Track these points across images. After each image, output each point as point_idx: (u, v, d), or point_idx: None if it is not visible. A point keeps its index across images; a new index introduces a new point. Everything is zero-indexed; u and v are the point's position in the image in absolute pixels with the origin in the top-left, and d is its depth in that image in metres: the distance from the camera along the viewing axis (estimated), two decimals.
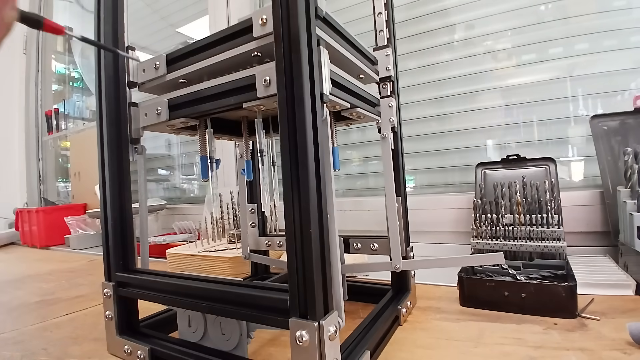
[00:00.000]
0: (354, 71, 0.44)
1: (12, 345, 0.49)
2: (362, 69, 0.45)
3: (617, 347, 0.38)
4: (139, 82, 0.44)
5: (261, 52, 0.35)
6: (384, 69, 0.49)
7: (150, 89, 0.45)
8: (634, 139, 0.68)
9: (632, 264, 0.57)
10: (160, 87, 0.44)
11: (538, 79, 0.85)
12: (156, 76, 0.42)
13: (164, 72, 0.41)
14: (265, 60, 0.36)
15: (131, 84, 0.44)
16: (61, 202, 1.92)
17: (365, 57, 0.46)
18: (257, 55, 0.35)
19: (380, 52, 0.49)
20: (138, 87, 0.44)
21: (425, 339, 0.43)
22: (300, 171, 0.28)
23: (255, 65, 0.37)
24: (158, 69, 0.42)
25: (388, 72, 0.49)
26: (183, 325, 0.41)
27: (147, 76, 0.43)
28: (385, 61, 0.49)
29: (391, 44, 0.50)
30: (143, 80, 0.43)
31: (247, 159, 0.51)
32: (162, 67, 0.41)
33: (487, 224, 0.65)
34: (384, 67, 0.50)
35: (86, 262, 1.08)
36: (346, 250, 0.53)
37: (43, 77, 2.03)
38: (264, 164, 0.44)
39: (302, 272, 0.28)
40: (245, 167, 0.51)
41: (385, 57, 0.49)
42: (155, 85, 0.43)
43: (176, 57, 0.41)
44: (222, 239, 0.92)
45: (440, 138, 0.96)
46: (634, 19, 0.77)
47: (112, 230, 0.42)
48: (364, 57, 0.45)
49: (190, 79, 0.41)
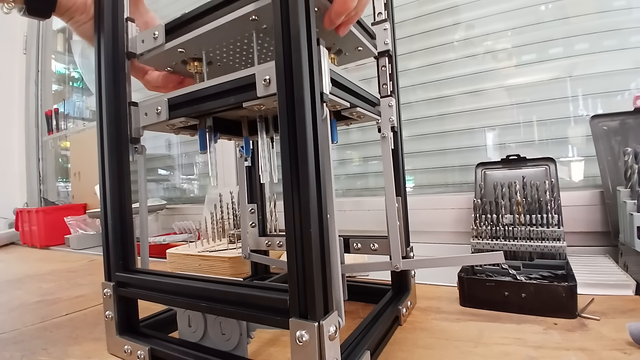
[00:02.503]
0: (352, 43, 0.44)
1: (12, 345, 0.49)
2: (360, 41, 0.44)
3: (617, 347, 0.38)
4: (138, 53, 0.44)
5: (259, 15, 0.35)
6: (382, 43, 0.49)
7: (149, 60, 0.45)
8: (634, 139, 0.68)
9: (632, 264, 0.57)
10: (159, 59, 0.44)
11: (538, 79, 0.85)
12: (155, 46, 0.42)
13: (162, 41, 0.41)
14: (263, 27, 0.36)
15: (130, 55, 0.44)
16: (61, 202, 1.92)
17: (364, 29, 0.46)
18: (255, 20, 0.35)
19: (379, 26, 0.49)
20: (137, 57, 0.44)
21: (425, 339, 0.43)
22: (300, 171, 0.28)
23: (253, 32, 0.37)
24: (157, 39, 0.41)
25: (386, 46, 0.49)
26: (183, 325, 0.41)
27: (146, 46, 0.43)
28: (383, 35, 0.49)
29: (390, 20, 0.49)
30: (142, 50, 0.43)
31: (245, 136, 0.50)
32: (160, 37, 0.41)
33: (487, 224, 0.65)
34: (382, 41, 0.49)
35: (86, 262, 1.08)
36: (346, 250, 0.53)
37: (43, 77, 2.03)
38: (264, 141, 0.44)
39: (302, 272, 0.28)
40: (244, 144, 0.50)
41: (383, 31, 0.49)
42: (154, 57, 0.43)
43: (175, 26, 0.41)
44: (222, 239, 0.92)
45: (441, 138, 0.96)
46: (634, 19, 0.77)
47: (112, 230, 0.42)
48: (362, 29, 0.45)
49: (188, 49, 0.41)
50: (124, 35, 0.43)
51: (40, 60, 2.02)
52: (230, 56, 0.45)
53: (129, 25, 0.44)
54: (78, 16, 0.48)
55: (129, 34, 0.44)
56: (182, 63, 0.45)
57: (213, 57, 0.45)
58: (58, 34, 2.09)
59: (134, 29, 0.44)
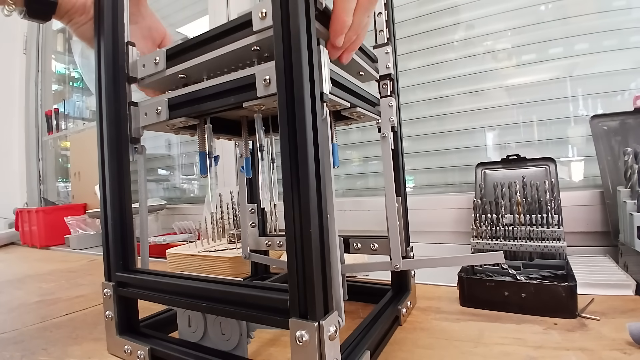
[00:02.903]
0: (354, 68, 0.44)
1: (12, 345, 0.49)
2: (361, 66, 0.44)
3: (617, 347, 0.38)
4: (139, 78, 0.44)
5: (260, 46, 0.35)
6: (384, 67, 0.49)
7: (150, 85, 0.45)
8: (634, 139, 0.68)
9: (632, 264, 0.57)
10: (159, 83, 0.44)
11: (538, 79, 0.85)
12: (156, 71, 0.42)
13: (163, 67, 0.41)
14: (264, 55, 0.36)
15: (131, 79, 0.44)
16: (61, 202, 1.92)
17: (365, 54, 0.46)
18: (257, 50, 0.35)
19: (380, 50, 0.49)
20: (137, 82, 0.44)
21: (425, 339, 0.43)
22: (300, 171, 0.28)
23: (255, 60, 0.37)
24: (158, 64, 0.41)
25: (388, 69, 0.49)
26: (183, 325, 0.41)
27: (147, 71, 0.43)
28: (385, 59, 0.49)
29: (391, 42, 0.50)
30: (143, 75, 0.43)
31: (247, 157, 0.50)
32: (161, 62, 0.41)
33: (487, 224, 0.65)
34: (383, 64, 0.49)
35: (86, 262, 1.08)
36: (346, 250, 0.53)
37: (43, 77, 2.03)
38: (264, 159, 0.44)
39: (302, 272, 0.28)
40: (244, 164, 0.50)
41: (385, 54, 0.49)
42: (155, 81, 0.43)
43: (176, 52, 0.40)
44: (222, 239, 0.92)
45: (441, 138, 0.96)
46: (634, 19, 0.77)
47: (112, 230, 0.42)
48: (363, 54, 0.45)
49: (189, 75, 0.41)
50: (124, 61, 0.43)
51: (40, 60, 2.03)
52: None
53: (130, 49, 0.44)
54: (77, 17, 0.48)
55: (129, 59, 0.44)
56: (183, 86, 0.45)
57: (213, 75, 0.44)
58: (58, 34, 2.09)
59: (134, 53, 0.44)
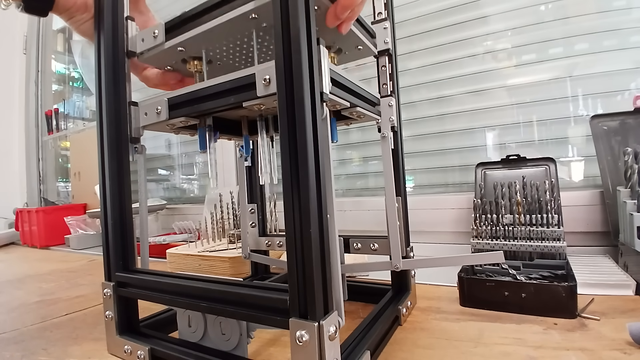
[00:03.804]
0: (352, 42, 0.44)
1: (12, 345, 0.49)
2: (360, 40, 0.44)
3: (617, 347, 0.38)
4: (138, 52, 0.44)
5: (259, 14, 0.35)
6: (382, 42, 0.49)
7: (149, 60, 0.45)
8: (634, 139, 0.68)
9: (632, 264, 0.57)
10: (158, 58, 0.44)
11: (538, 79, 0.85)
12: (155, 45, 0.42)
13: (162, 40, 0.41)
14: (262, 25, 0.37)
15: (130, 54, 0.44)
16: (61, 202, 1.92)
17: (364, 28, 0.46)
18: (255, 18, 0.36)
19: (379, 25, 0.49)
20: (137, 56, 0.44)
21: (425, 339, 0.43)
22: (300, 171, 0.28)
23: (253, 31, 0.37)
24: (157, 37, 0.42)
25: (386, 45, 0.49)
26: (183, 325, 0.41)
27: (146, 45, 0.43)
28: (383, 34, 0.49)
29: (390, 18, 0.49)
30: (142, 49, 0.43)
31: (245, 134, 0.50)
32: (160, 35, 0.41)
33: (487, 224, 0.65)
34: (382, 40, 0.49)
35: (86, 262, 1.08)
36: (346, 250, 0.53)
37: (43, 77, 2.03)
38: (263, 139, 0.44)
39: (302, 272, 0.28)
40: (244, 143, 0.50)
41: (383, 30, 0.49)
42: (154, 55, 0.43)
43: (174, 25, 0.41)
44: (222, 239, 0.92)
45: (441, 138, 0.96)
46: (634, 19, 0.77)
47: (112, 230, 0.42)
48: (362, 28, 0.45)
49: (188, 47, 0.42)
50: (124, 34, 0.43)
51: (40, 60, 2.02)
52: (230, 55, 0.45)
53: (129, 23, 0.44)
54: (79, 15, 0.48)
55: (129, 32, 0.44)
56: (182, 62, 0.45)
57: (213, 55, 0.45)
58: (58, 34, 2.09)
59: (133, 27, 0.44)
